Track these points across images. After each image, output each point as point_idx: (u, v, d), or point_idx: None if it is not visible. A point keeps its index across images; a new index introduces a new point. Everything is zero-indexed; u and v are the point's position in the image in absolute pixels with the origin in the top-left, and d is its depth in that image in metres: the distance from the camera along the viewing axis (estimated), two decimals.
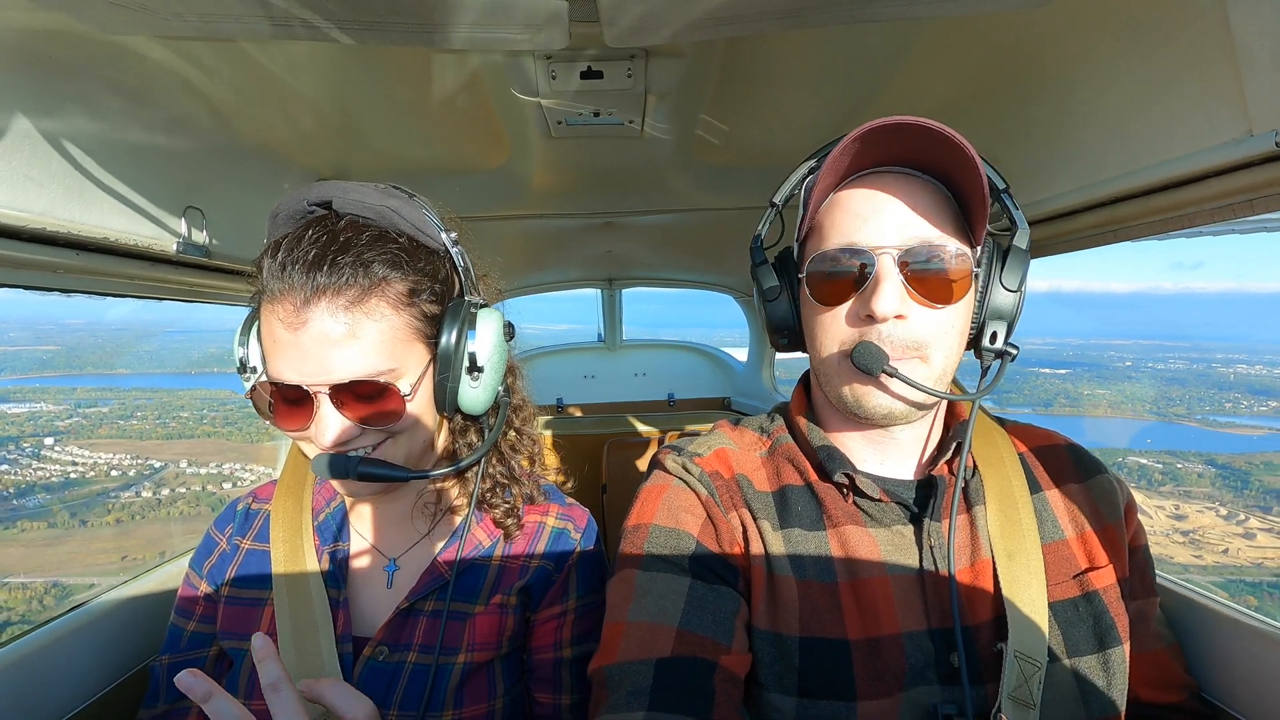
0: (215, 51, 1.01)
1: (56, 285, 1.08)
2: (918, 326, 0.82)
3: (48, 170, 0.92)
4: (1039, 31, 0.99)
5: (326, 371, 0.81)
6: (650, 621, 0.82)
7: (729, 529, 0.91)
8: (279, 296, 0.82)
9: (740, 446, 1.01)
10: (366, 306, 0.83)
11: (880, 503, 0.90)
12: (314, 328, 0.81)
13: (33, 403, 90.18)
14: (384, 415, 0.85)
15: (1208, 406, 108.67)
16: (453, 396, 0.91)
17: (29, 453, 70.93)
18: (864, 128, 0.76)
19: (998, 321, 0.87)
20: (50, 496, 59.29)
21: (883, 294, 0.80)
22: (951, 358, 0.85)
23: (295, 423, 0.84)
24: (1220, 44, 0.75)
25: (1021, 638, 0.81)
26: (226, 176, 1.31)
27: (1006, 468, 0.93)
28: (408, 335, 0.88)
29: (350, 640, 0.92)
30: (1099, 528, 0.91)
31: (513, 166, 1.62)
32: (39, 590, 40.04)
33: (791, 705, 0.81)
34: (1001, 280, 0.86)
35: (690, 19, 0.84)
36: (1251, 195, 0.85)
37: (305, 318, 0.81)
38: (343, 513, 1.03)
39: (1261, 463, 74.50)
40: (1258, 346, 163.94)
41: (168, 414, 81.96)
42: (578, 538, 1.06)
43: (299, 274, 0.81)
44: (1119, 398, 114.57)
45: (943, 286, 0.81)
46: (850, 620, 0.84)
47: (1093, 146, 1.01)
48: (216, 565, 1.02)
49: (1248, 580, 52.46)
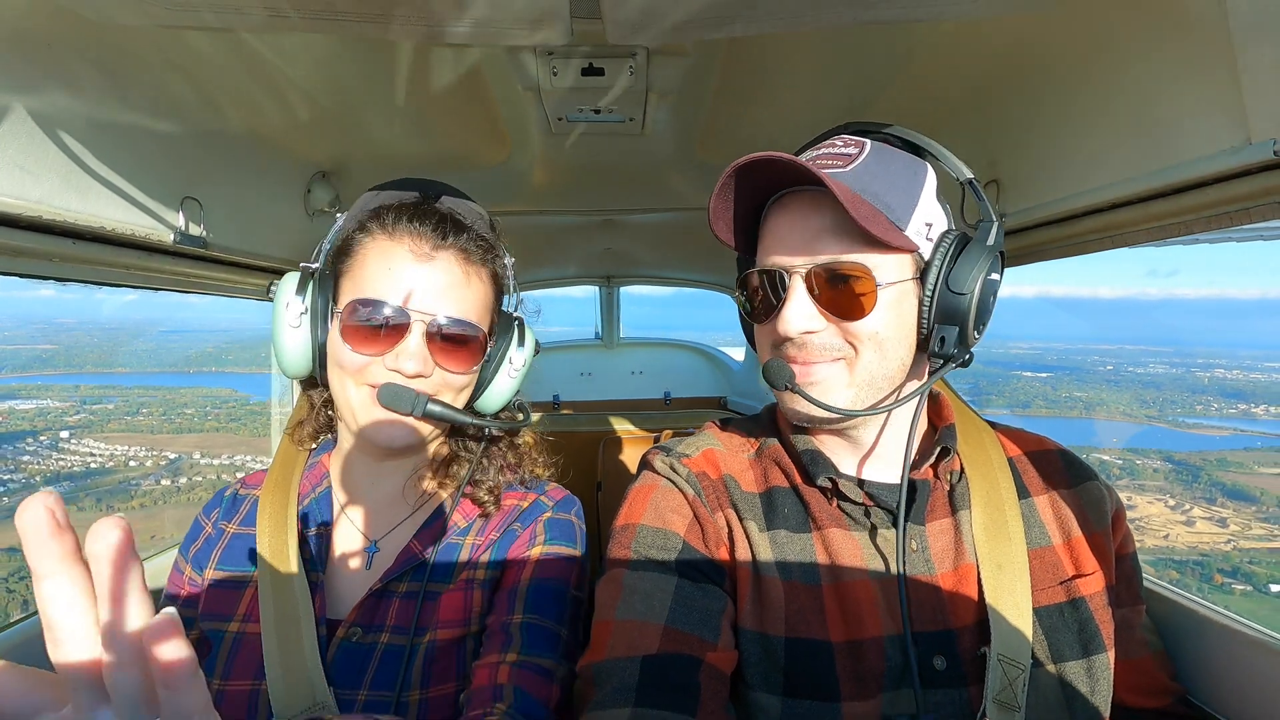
0: (214, 42, 1.01)
1: (53, 274, 1.07)
2: (831, 337, 0.84)
3: (45, 158, 0.92)
4: (1040, 36, 0.99)
5: (434, 308, 0.92)
6: (638, 620, 0.83)
7: (715, 529, 0.92)
8: (408, 233, 0.94)
9: (728, 448, 1.02)
10: (480, 269, 0.99)
11: (863, 506, 0.90)
12: (440, 264, 0.94)
13: (38, 399, 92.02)
14: (462, 359, 0.96)
15: (1179, 409, 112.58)
16: (485, 385, 1.04)
17: (47, 445, 74.11)
18: (732, 166, 0.83)
19: (948, 325, 0.83)
20: (74, 485, 63.26)
21: (787, 314, 0.84)
22: (886, 362, 0.85)
23: (378, 346, 0.92)
24: (1220, 52, 0.75)
25: (1005, 641, 0.82)
26: (224, 168, 1.31)
27: (995, 472, 0.93)
28: (490, 309, 1.02)
29: (325, 623, 0.93)
30: (1086, 534, 0.91)
31: (512, 162, 1.61)
32: None
33: (777, 705, 0.81)
34: (948, 283, 0.82)
35: (693, 18, 0.84)
36: (1249, 203, 0.85)
37: (435, 255, 0.94)
38: (329, 496, 1.04)
39: (1215, 459, 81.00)
40: (1238, 352, 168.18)
41: (172, 410, 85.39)
42: (549, 504, 1.08)
43: (430, 224, 0.94)
44: (1095, 400, 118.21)
45: (849, 301, 0.82)
46: (833, 622, 0.84)
47: (1092, 152, 1.01)
48: (202, 550, 1.03)
49: (1175, 560, 57.15)
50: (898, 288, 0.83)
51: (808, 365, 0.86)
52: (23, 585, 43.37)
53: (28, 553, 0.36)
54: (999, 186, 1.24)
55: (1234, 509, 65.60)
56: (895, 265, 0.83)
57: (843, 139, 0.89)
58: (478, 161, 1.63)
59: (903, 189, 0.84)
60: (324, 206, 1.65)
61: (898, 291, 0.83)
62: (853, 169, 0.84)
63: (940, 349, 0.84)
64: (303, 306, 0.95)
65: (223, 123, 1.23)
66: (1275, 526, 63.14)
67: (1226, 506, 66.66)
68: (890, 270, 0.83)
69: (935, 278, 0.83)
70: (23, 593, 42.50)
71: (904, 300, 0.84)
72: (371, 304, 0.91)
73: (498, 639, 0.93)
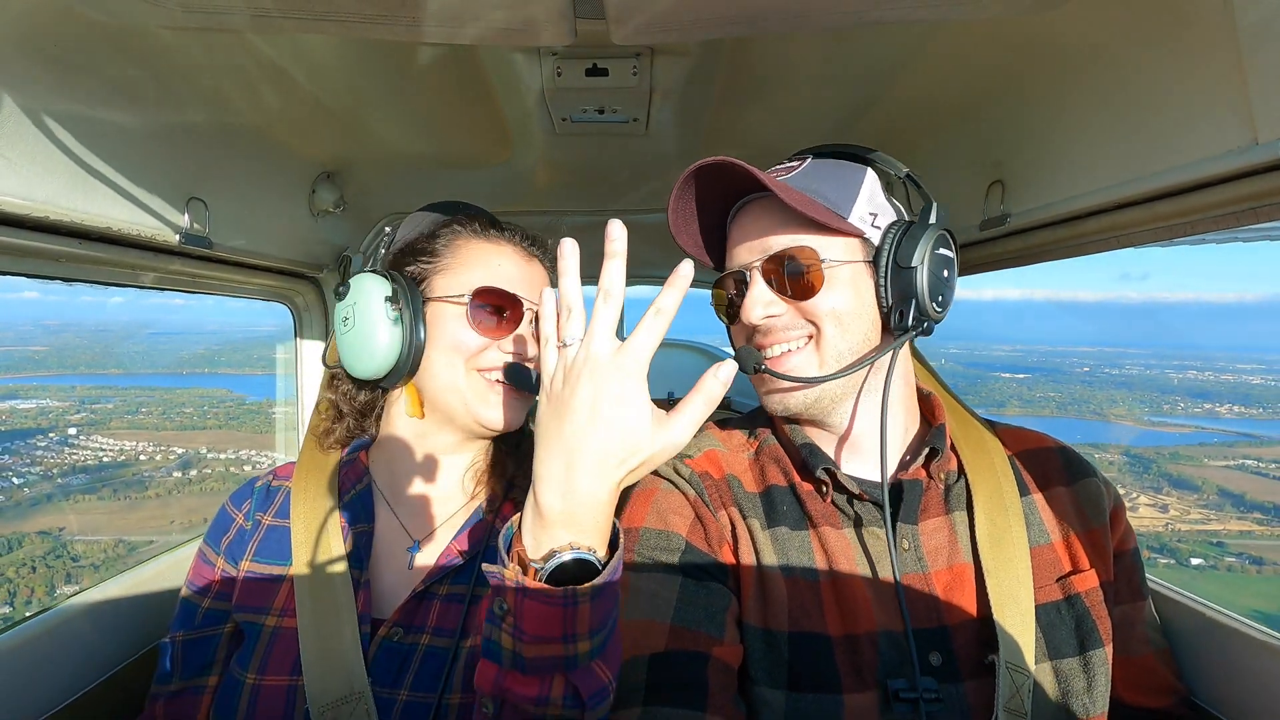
0: (220, 43, 1.01)
1: (59, 274, 1.08)
2: (792, 318, 0.92)
3: (51, 159, 0.92)
4: (1046, 36, 0.98)
5: (539, 299, 0.98)
6: (643, 619, 0.84)
7: (718, 528, 0.93)
8: (504, 239, 1.09)
9: (729, 448, 1.04)
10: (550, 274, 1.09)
11: (859, 500, 0.92)
12: (537, 264, 1.10)
13: (38, 399, 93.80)
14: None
15: (1147, 408, 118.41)
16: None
17: (57, 441, 76.56)
18: (685, 173, 0.91)
19: (904, 301, 0.90)
20: (89, 477, 67.28)
21: (748, 303, 0.93)
22: (849, 336, 0.91)
23: (499, 331, 1.01)
24: (1227, 52, 0.75)
25: (1011, 648, 0.82)
26: (230, 168, 1.31)
27: (998, 476, 0.94)
28: None
29: (368, 620, 0.94)
30: (1084, 531, 0.92)
31: (516, 162, 1.61)
32: (109, 544, 51.53)
33: (781, 699, 0.82)
34: (896, 259, 0.90)
35: (697, 18, 0.84)
36: (1256, 203, 0.84)
37: (533, 255, 1.10)
38: (369, 493, 1.05)
39: (1169, 453, 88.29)
40: (1213, 354, 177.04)
41: (171, 409, 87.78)
42: None
43: (515, 232, 1.11)
44: (1067, 399, 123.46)
45: (800, 282, 0.90)
46: (830, 616, 0.86)
47: (1097, 152, 1.01)
48: (235, 541, 1.03)
49: None
50: (850, 268, 0.91)
51: (779, 359, 0.93)
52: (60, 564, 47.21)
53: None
54: (1003, 187, 1.23)
55: (1177, 497, 73.27)
56: (843, 247, 0.91)
57: (789, 161, 1.03)
58: (481, 161, 1.63)
59: (843, 186, 0.95)
60: (328, 207, 1.65)
61: (850, 271, 0.91)
62: (795, 174, 0.97)
63: (899, 322, 0.90)
64: (398, 304, 0.99)
65: (228, 123, 1.24)
66: (1210, 511, 69.49)
67: (1171, 495, 74.29)
68: (837, 250, 0.90)
69: (886, 258, 0.91)
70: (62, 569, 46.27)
71: (859, 280, 0.92)
72: (497, 293, 1.01)
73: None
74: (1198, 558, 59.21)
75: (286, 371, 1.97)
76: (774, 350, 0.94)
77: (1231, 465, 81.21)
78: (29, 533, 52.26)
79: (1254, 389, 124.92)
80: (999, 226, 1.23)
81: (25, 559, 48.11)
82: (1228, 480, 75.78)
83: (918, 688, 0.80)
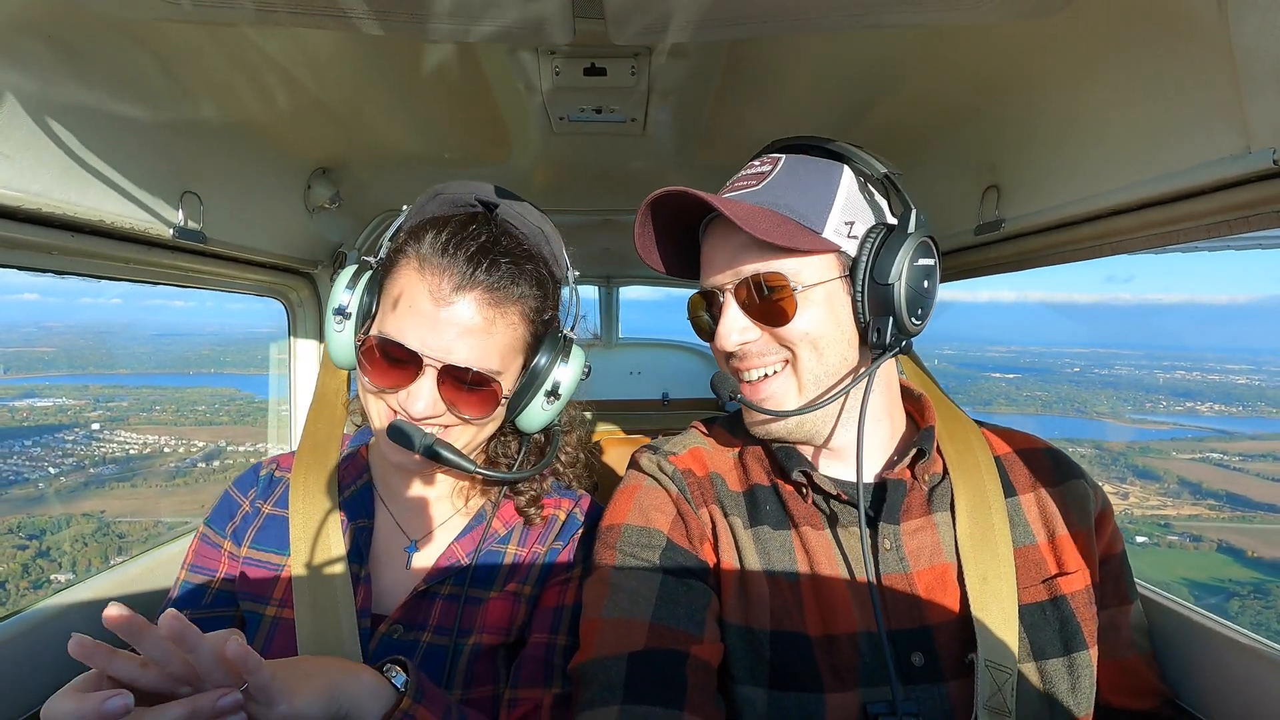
0: (217, 37, 1.01)
1: (51, 267, 1.07)
2: (766, 344, 0.90)
3: (44, 152, 0.91)
4: (1041, 42, 0.99)
5: (448, 351, 0.89)
6: (623, 617, 0.84)
7: (699, 525, 0.93)
8: (434, 270, 0.89)
9: (714, 447, 1.05)
10: (506, 311, 0.93)
11: (838, 501, 0.91)
12: (459, 311, 0.89)
13: (54, 398, 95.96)
14: (475, 406, 0.93)
15: (1129, 406, 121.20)
16: (524, 409, 1.00)
17: (84, 436, 79.27)
18: (643, 204, 0.90)
19: (881, 317, 0.87)
20: (119, 467, 71.26)
21: (722, 329, 0.91)
22: (825, 361, 0.89)
23: (390, 381, 0.91)
24: (1221, 61, 0.76)
25: (992, 648, 0.82)
26: (225, 163, 1.31)
27: (982, 475, 0.94)
28: (521, 346, 0.97)
29: (368, 615, 0.94)
30: (1070, 533, 0.92)
31: (513, 161, 1.61)
32: (148, 524, 54.77)
33: (763, 697, 0.82)
34: (873, 276, 0.86)
35: (696, 19, 0.84)
36: (1248, 212, 0.85)
37: (454, 299, 0.89)
38: (370, 490, 1.05)
39: (1139, 447, 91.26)
40: (1204, 355, 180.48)
41: (185, 407, 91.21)
42: (583, 519, 1.10)
43: (462, 258, 0.90)
44: (1053, 399, 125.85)
45: (772, 309, 0.88)
46: (811, 617, 0.86)
47: (1092, 158, 1.01)
48: (240, 526, 1.03)
49: None
50: (824, 288, 0.88)
51: (757, 384, 0.91)
52: (108, 540, 51.20)
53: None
54: (999, 192, 1.24)
55: (1140, 486, 77.50)
56: (818, 266, 0.88)
57: (761, 159, 0.95)
58: (479, 160, 1.63)
59: (816, 194, 0.88)
60: (324, 203, 1.65)
61: (825, 291, 0.88)
62: (764, 185, 0.91)
63: (877, 340, 0.87)
64: (347, 311, 0.94)
65: (223, 118, 1.23)
66: (1167, 499, 73.19)
67: (1134, 484, 78.06)
68: (812, 272, 0.87)
69: (862, 272, 0.87)
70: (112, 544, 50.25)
71: (834, 298, 0.88)
72: (387, 342, 0.89)
73: (540, 667, 0.94)
74: (1143, 536, 62.62)
75: (280, 372, 1.96)
76: (751, 375, 0.92)
77: (1196, 458, 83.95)
78: (75, 515, 56.57)
79: (1238, 388, 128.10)
80: (993, 231, 1.24)
81: (77, 535, 52.24)
82: (1189, 471, 79.01)
83: (897, 709, 0.80)
